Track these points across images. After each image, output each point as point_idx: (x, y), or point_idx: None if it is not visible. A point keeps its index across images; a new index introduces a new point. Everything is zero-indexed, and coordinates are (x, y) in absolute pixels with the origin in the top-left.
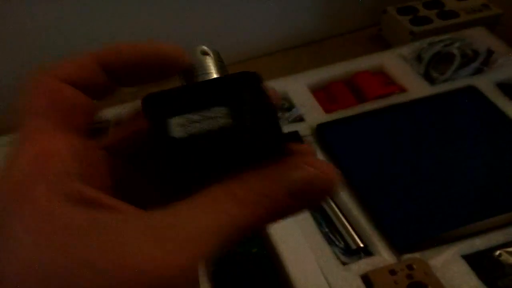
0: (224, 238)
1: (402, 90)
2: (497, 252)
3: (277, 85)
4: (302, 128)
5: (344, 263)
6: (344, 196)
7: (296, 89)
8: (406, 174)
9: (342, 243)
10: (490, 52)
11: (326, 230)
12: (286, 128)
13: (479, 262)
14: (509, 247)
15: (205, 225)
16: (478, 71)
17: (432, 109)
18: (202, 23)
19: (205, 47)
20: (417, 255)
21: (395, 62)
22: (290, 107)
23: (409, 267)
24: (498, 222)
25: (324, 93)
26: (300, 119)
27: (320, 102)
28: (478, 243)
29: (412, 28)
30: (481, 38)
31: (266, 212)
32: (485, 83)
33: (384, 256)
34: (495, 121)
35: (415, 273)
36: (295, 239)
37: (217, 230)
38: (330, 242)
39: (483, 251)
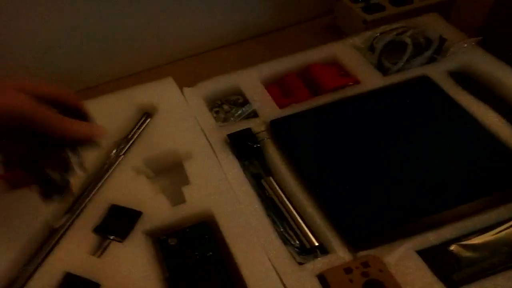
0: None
1: (356, 81)
2: (452, 247)
3: (230, 80)
4: (256, 125)
5: (300, 263)
6: (299, 194)
7: (249, 83)
8: (361, 168)
9: (298, 242)
10: (442, 40)
11: (281, 229)
12: (239, 125)
13: (434, 257)
14: (463, 240)
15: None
16: (431, 60)
17: (385, 100)
18: (151, 15)
19: None
20: (372, 252)
21: (348, 53)
22: (244, 102)
23: (364, 264)
24: (451, 215)
25: (278, 87)
26: (254, 115)
27: (274, 96)
28: (432, 238)
29: (365, 16)
30: (435, 25)
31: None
32: (438, 72)
33: (339, 254)
34: (448, 111)
35: (371, 271)
36: (249, 240)
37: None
38: (286, 241)
39: (437, 245)
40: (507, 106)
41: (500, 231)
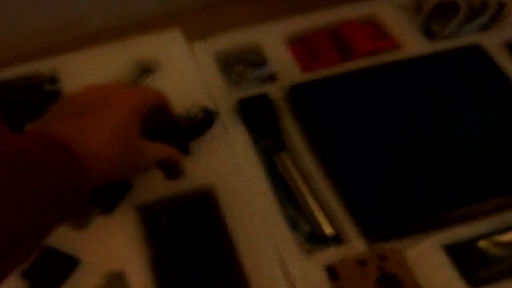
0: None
1: (396, 46)
2: (480, 242)
3: (248, 36)
4: (274, 90)
5: (308, 251)
6: (315, 174)
7: (270, 40)
8: (389, 150)
9: (309, 228)
10: (501, 6)
11: (291, 212)
12: (255, 90)
13: (461, 253)
14: (494, 236)
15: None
16: (485, 27)
17: (428, 71)
18: None
19: None
20: (392, 244)
21: (390, 12)
22: (261, 62)
23: (382, 257)
24: (484, 209)
25: (303, 47)
26: (272, 77)
27: (298, 58)
28: (460, 233)
29: None
30: None
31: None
32: (492, 42)
33: (354, 244)
34: (499, 89)
35: (387, 264)
36: (252, 222)
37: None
38: (295, 226)
39: (465, 241)
40: None
41: None
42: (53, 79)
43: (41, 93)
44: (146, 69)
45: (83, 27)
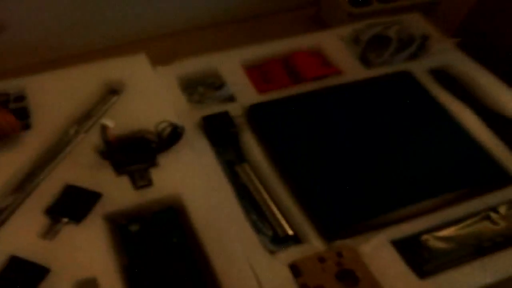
0: None
1: (338, 72)
2: (424, 238)
3: (208, 61)
4: (233, 109)
5: (272, 252)
6: (274, 182)
7: (228, 66)
8: (338, 158)
9: (271, 231)
10: (425, 38)
11: (255, 218)
12: (215, 108)
13: (407, 247)
14: (434, 232)
15: None
16: (413, 57)
17: (367, 92)
18: None
19: None
20: (346, 242)
21: (333, 43)
22: (221, 85)
23: (339, 254)
24: (425, 208)
25: (258, 72)
26: (231, 98)
27: (254, 81)
28: (406, 229)
29: (351, 9)
30: (417, 24)
31: None
32: (419, 69)
33: (313, 244)
34: (426, 107)
35: (344, 260)
36: (219, 228)
37: None
38: (258, 230)
39: (410, 236)
40: (482, 105)
41: (469, 225)
42: (20, 97)
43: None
44: (113, 90)
45: (53, 51)
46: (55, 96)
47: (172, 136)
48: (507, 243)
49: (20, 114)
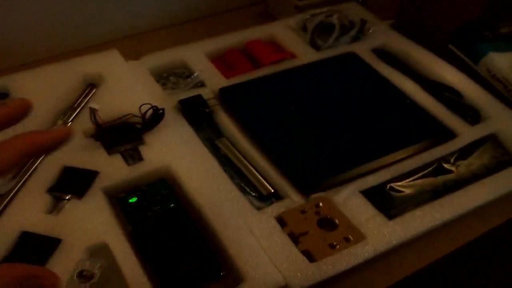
0: None
1: (293, 56)
2: (387, 186)
3: (175, 54)
4: (205, 93)
5: (259, 208)
6: (252, 152)
7: (194, 56)
8: (303, 127)
9: (255, 192)
10: (363, 22)
11: (239, 181)
12: (188, 93)
13: (374, 195)
14: (395, 182)
15: None
16: (355, 39)
17: (320, 71)
18: None
19: None
20: (322, 194)
21: (284, 32)
22: (190, 74)
23: (317, 205)
24: (384, 163)
25: (221, 62)
26: (201, 84)
27: (219, 70)
28: (371, 180)
29: (297, 2)
30: (355, 11)
31: None
32: (363, 49)
33: (293, 199)
34: (374, 81)
35: (322, 210)
36: (209, 191)
37: None
38: (244, 192)
39: (376, 186)
40: (419, 75)
41: (425, 174)
42: (2, 95)
43: None
44: (91, 84)
45: (19, 55)
46: (38, 92)
47: (154, 117)
48: (458, 186)
49: None
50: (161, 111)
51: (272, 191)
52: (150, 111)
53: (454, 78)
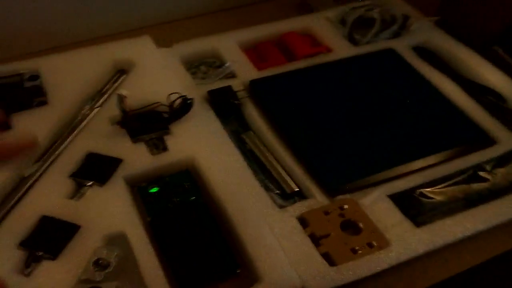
0: None
1: (328, 50)
2: (417, 192)
3: (207, 43)
4: (235, 84)
5: (281, 207)
6: (278, 147)
7: (226, 46)
8: (334, 125)
9: (278, 190)
10: (406, 18)
11: (262, 177)
12: (218, 84)
13: (402, 201)
14: (426, 187)
15: None
16: (396, 35)
17: (356, 67)
18: None
19: None
20: (347, 196)
21: (321, 24)
22: (221, 64)
23: (341, 207)
24: (415, 167)
25: (254, 52)
26: (232, 75)
27: (251, 61)
28: (400, 184)
29: None
30: (397, 5)
31: None
32: (402, 46)
33: (317, 199)
34: (411, 79)
35: (347, 212)
36: (232, 186)
37: None
38: (267, 188)
39: (405, 191)
40: (460, 76)
41: (458, 181)
42: (33, 76)
43: (21, 89)
44: (120, 70)
45: (60, 37)
46: (68, 75)
47: (183, 107)
48: (493, 196)
49: (36, 91)
50: (189, 101)
51: (296, 189)
52: (179, 101)
53: (498, 81)
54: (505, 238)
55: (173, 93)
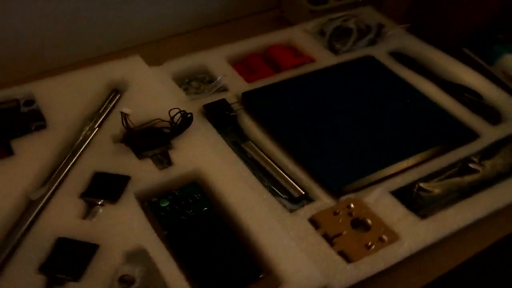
0: None
1: (312, 60)
2: (416, 187)
3: (196, 59)
4: (228, 97)
5: (291, 211)
6: (278, 155)
7: (215, 61)
8: (329, 130)
9: (286, 195)
10: (380, 26)
11: (268, 183)
12: (212, 98)
13: (403, 195)
14: (423, 182)
15: None
16: (372, 42)
17: (340, 75)
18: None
19: None
20: (352, 196)
21: (302, 36)
22: (211, 80)
23: (348, 206)
24: (410, 163)
25: (241, 66)
26: (223, 89)
27: (240, 74)
28: (399, 181)
29: (312, 7)
30: (371, 15)
31: None
32: (380, 53)
33: (324, 201)
34: (393, 83)
35: (354, 211)
36: (242, 193)
37: None
38: (274, 194)
39: (404, 186)
40: (437, 78)
41: (451, 174)
42: (29, 101)
43: (18, 115)
44: (115, 90)
45: (49, 61)
46: (63, 98)
47: (183, 121)
48: (485, 185)
49: (33, 116)
50: (189, 115)
51: (303, 193)
52: (178, 116)
53: (472, 80)
54: (503, 224)
55: (173, 108)
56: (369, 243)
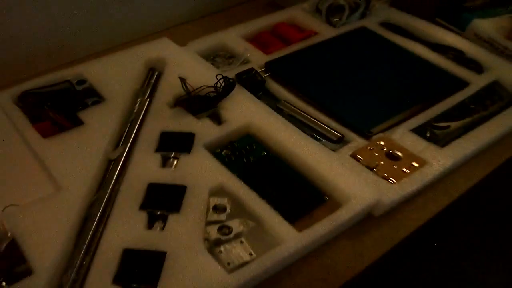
0: None
1: (315, 33)
2: (430, 124)
3: (216, 38)
4: (253, 67)
5: (334, 150)
6: (309, 109)
7: (233, 40)
8: (349, 85)
9: (326, 140)
10: (368, 1)
11: (309, 132)
12: (240, 68)
13: (422, 132)
14: (435, 122)
15: None
16: (363, 16)
17: (343, 43)
18: None
19: None
20: (380, 135)
21: (302, 14)
22: (232, 55)
23: (379, 143)
24: (420, 108)
25: (255, 42)
26: (246, 62)
27: (256, 48)
28: (415, 122)
29: None
30: None
31: None
32: (371, 24)
33: (358, 141)
34: (387, 47)
35: (385, 146)
36: (292, 140)
37: None
38: (316, 139)
39: (421, 125)
40: (424, 41)
41: (455, 115)
42: (81, 81)
43: (75, 93)
44: (152, 67)
45: (87, 47)
46: (110, 75)
47: (227, 86)
48: (484, 120)
49: (89, 93)
50: (232, 80)
51: (341, 135)
52: (222, 81)
53: (453, 40)
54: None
55: (218, 74)
56: (404, 169)
